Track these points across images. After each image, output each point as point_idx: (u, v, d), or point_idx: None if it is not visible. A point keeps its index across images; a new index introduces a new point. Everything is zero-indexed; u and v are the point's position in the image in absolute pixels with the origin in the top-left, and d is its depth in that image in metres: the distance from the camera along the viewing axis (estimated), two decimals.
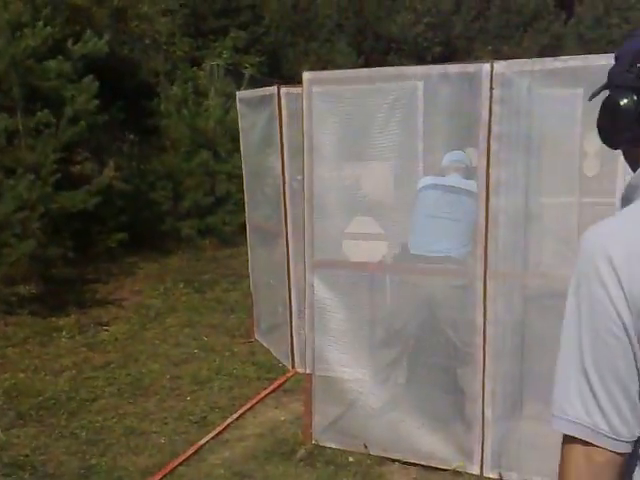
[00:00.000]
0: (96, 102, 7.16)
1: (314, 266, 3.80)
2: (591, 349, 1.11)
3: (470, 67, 3.15)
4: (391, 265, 4.05)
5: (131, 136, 9.12)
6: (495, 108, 3.11)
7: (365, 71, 3.61)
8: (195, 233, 9.24)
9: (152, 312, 6.87)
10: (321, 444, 3.97)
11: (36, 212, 6.50)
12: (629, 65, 1.23)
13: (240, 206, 9.32)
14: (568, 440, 1.15)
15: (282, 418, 4.45)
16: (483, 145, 3.16)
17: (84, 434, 4.21)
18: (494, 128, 3.14)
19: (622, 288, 1.08)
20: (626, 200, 1.23)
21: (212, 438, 4.12)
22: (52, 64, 6.99)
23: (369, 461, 3.80)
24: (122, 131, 9.30)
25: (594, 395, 1.11)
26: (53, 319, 6.48)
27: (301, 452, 3.90)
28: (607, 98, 1.28)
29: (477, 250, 3.43)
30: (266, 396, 4.78)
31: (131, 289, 7.70)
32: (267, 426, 4.32)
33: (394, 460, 3.79)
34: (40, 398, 4.73)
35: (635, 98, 1.21)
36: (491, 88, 3.07)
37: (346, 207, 4.05)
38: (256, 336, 5.98)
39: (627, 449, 1.11)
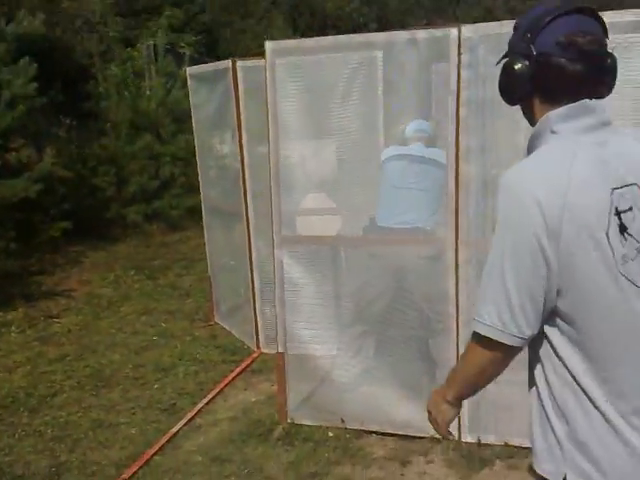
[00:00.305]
0: (35, 85, 6.79)
1: (283, 242, 3.72)
2: (513, 271, 1.39)
3: (437, 32, 3.10)
4: (362, 238, 4.00)
5: (68, 120, 8.73)
6: (463, 73, 3.08)
7: (329, 39, 3.52)
8: (142, 219, 8.97)
9: (104, 301, 6.66)
10: (297, 422, 3.92)
11: None
12: (522, 35, 1.48)
13: (186, 189, 9.10)
14: (479, 336, 1.47)
15: (253, 399, 4.38)
16: (452, 111, 3.13)
17: (49, 431, 4.04)
18: (463, 94, 3.11)
19: (546, 222, 1.35)
20: (531, 148, 1.50)
21: (185, 425, 4.02)
22: None
23: (347, 435, 3.78)
24: (57, 115, 8.92)
25: (510, 306, 1.40)
26: (0, 314, 6.21)
27: (278, 431, 3.84)
28: (506, 63, 1.52)
29: (448, 219, 3.41)
30: (234, 378, 4.70)
31: (79, 279, 7.44)
32: (239, 408, 4.25)
33: (372, 432, 3.78)
34: None
35: (527, 63, 1.45)
36: (459, 53, 3.04)
37: (308, 182, 3.98)
38: (216, 319, 5.87)
39: (525, 344, 1.46)
